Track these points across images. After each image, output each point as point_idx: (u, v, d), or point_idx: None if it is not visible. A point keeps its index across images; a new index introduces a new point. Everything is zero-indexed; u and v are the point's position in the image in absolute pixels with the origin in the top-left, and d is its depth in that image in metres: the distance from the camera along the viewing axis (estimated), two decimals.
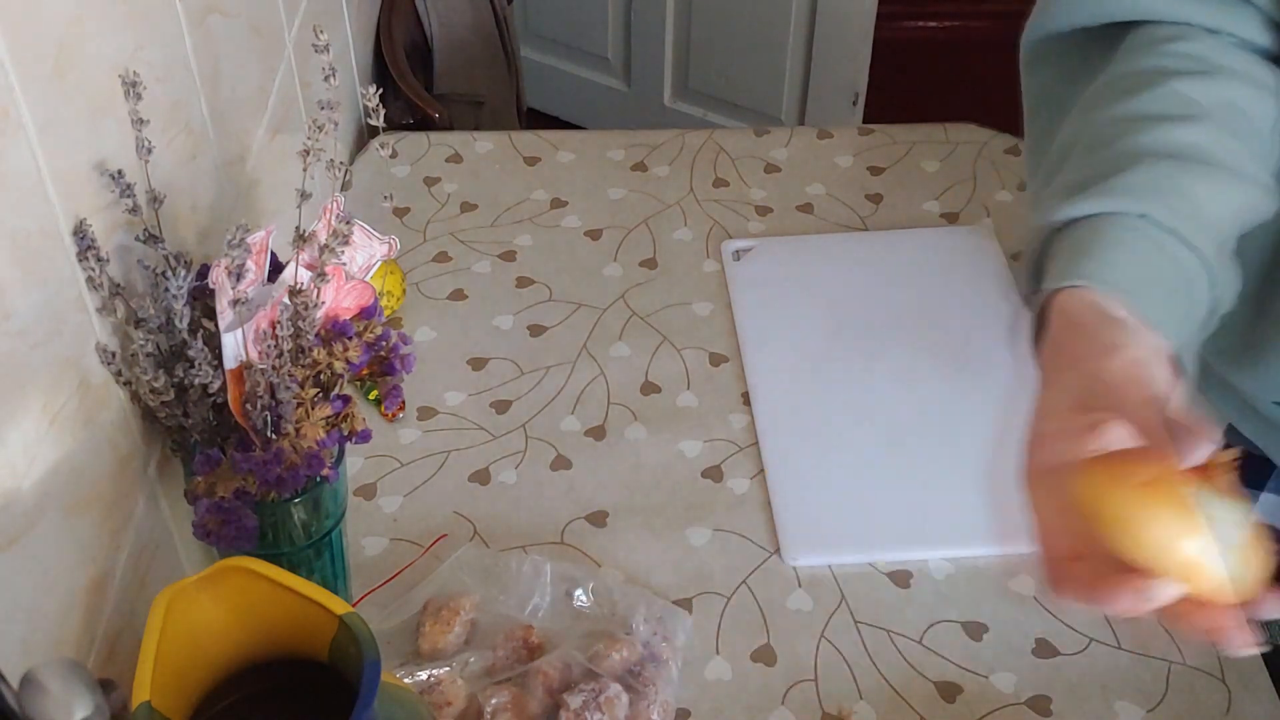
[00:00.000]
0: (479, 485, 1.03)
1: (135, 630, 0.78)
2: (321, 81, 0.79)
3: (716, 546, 0.99)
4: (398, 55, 1.58)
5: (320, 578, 0.87)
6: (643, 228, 1.28)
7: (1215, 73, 0.73)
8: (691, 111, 2.50)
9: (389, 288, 1.15)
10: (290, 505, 0.81)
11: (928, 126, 1.40)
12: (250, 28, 1.03)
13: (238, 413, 0.76)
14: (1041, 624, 0.94)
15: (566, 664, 0.86)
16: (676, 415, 1.09)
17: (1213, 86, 0.72)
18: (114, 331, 0.76)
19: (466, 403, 1.10)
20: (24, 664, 0.55)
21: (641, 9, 2.43)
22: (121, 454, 0.78)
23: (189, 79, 0.88)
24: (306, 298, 0.77)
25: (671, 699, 0.87)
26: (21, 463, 0.65)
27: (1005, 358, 1.12)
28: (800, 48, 2.30)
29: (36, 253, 0.67)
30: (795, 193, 1.32)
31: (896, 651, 0.92)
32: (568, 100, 2.65)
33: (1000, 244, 1.24)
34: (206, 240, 0.90)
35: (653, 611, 0.90)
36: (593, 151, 1.37)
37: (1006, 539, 0.99)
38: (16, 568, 0.65)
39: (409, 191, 1.32)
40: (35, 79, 0.66)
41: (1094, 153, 0.72)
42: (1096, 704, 0.89)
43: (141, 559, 0.80)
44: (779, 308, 1.18)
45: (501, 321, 1.18)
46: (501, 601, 0.91)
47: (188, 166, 0.88)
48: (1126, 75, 0.75)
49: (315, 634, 0.63)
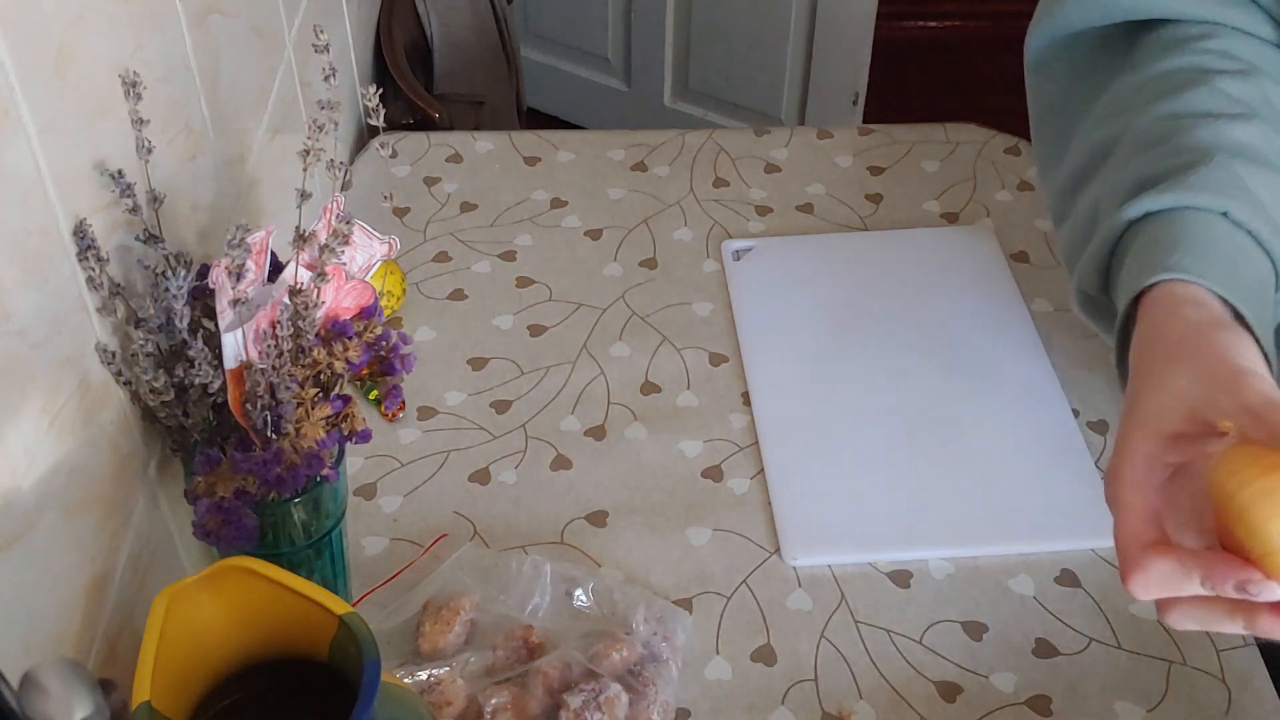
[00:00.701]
0: (479, 485, 1.03)
1: (135, 630, 0.78)
2: (321, 81, 0.79)
3: (716, 546, 0.99)
4: (398, 55, 1.58)
5: (320, 578, 0.87)
6: (643, 228, 1.28)
7: (1252, 71, 0.72)
8: (691, 111, 2.50)
9: (389, 288, 1.15)
10: (290, 505, 0.81)
11: (928, 126, 1.40)
12: (250, 28, 1.03)
13: (238, 413, 0.76)
14: (1041, 624, 0.94)
15: (566, 664, 0.86)
16: (676, 415, 1.09)
17: (1253, 85, 0.71)
18: (114, 331, 0.76)
19: (466, 403, 1.10)
20: (24, 664, 0.55)
21: (641, 9, 2.43)
22: (121, 454, 0.78)
23: (189, 79, 0.88)
24: (306, 298, 0.77)
25: (671, 699, 0.87)
26: (21, 463, 0.65)
27: (1005, 357, 1.12)
28: (800, 48, 2.30)
29: (36, 253, 0.67)
30: (795, 193, 1.32)
31: (896, 651, 0.92)
32: (568, 100, 2.65)
33: (1000, 244, 1.24)
34: (206, 240, 0.90)
35: (653, 611, 0.90)
36: (593, 151, 1.37)
37: (1006, 539, 0.99)
38: (16, 568, 0.65)
39: (409, 191, 1.32)
40: (35, 79, 0.66)
41: (1150, 149, 0.69)
42: (1096, 704, 0.89)
43: (141, 559, 0.80)
44: (779, 308, 1.18)
45: (501, 321, 1.18)
46: (501, 601, 0.91)
47: (188, 166, 0.88)
48: (1166, 74, 0.73)
49: (315, 634, 0.63)
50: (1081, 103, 0.80)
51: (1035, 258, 1.23)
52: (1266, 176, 0.67)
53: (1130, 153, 0.71)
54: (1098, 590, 0.96)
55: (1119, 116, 0.75)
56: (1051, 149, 0.83)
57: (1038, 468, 1.03)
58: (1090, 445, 1.05)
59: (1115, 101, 0.76)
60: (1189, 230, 0.64)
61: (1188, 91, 0.71)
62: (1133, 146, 0.71)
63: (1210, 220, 0.64)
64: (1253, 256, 0.65)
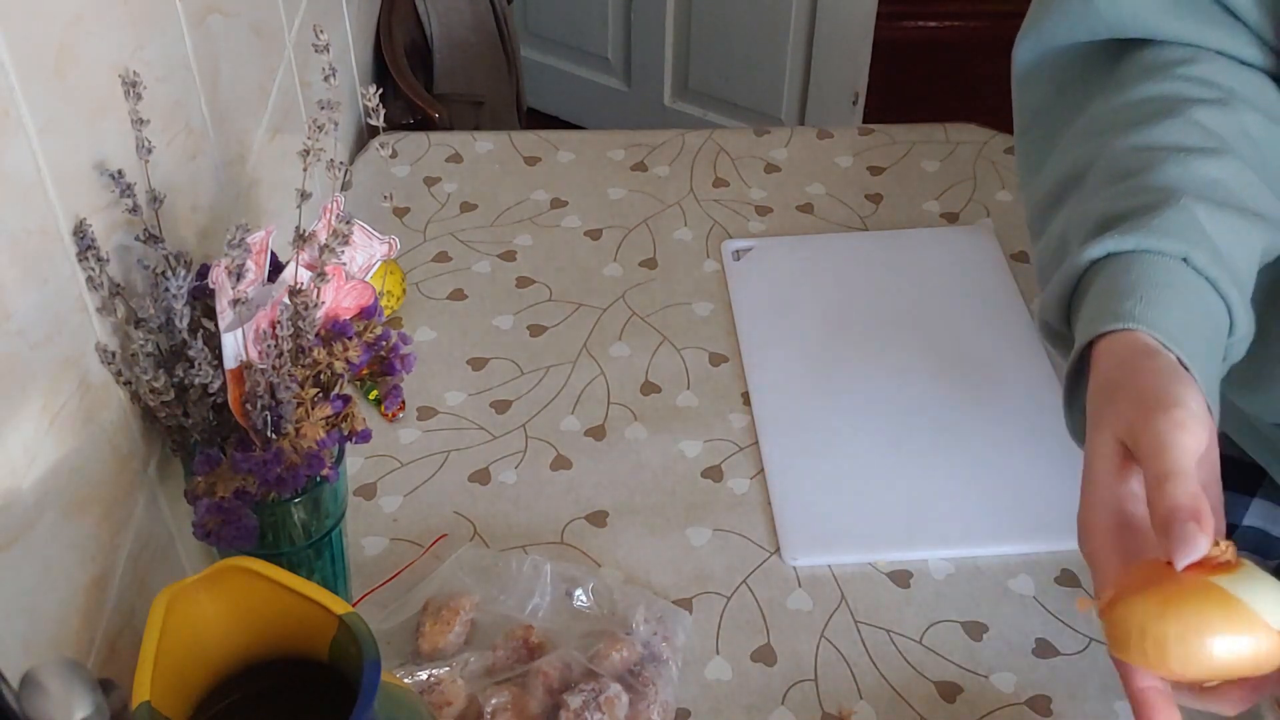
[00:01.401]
0: (479, 485, 1.03)
1: (135, 630, 0.78)
2: (321, 81, 0.79)
3: (716, 546, 0.99)
4: (398, 55, 1.58)
5: (320, 578, 0.87)
6: (643, 228, 1.28)
7: (1229, 100, 0.72)
8: (691, 111, 2.50)
9: (389, 288, 1.15)
10: (290, 505, 0.81)
11: (928, 126, 1.40)
12: (250, 28, 1.03)
13: (238, 413, 0.76)
14: (1041, 624, 0.94)
15: (566, 664, 0.86)
16: (676, 415, 1.09)
17: (1230, 115, 0.71)
18: (114, 331, 0.76)
19: (466, 403, 1.10)
20: (24, 664, 0.55)
21: (641, 9, 2.43)
22: (121, 454, 0.78)
23: (189, 79, 0.88)
24: (306, 298, 0.77)
25: (671, 699, 0.87)
26: (21, 463, 0.65)
27: (1005, 357, 1.12)
28: (800, 48, 2.30)
29: (36, 253, 0.67)
30: (795, 193, 1.32)
31: (896, 651, 0.92)
32: (568, 100, 2.66)
33: (1000, 244, 1.24)
34: (206, 240, 0.90)
35: (653, 611, 0.90)
36: (593, 151, 1.37)
37: (1006, 539, 0.99)
38: (16, 568, 0.65)
39: (409, 191, 1.32)
40: (35, 79, 0.66)
41: (1119, 183, 0.70)
42: (1096, 704, 0.89)
43: (141, 559, 0.80)
44: (779, 308, 1.18)
45: (501, 321, 1.18)
46: (501, 601, 0.91)
47: (188, 166, 0.88)
48: (1144, 101, 0.73)
49: (315, 634, 0.63)
50: (1064, 115, 0.80)
51: None
52: (1230, 219, 0.67)
53: (1100, 183, 0.72)
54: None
55: (1094, 139, 0.75)
56: (1032, 159, 0.83)
57: (1038, 468, 1.03)
58: None
59: (1093, 122, 0.77)
60: (1147, 275, 0.65)
61: (1163, 121, 0.71)
62: (1103, 176, 0.72)
63: (1170, 266, 0.65)
64: (1209, 302, 0.66)
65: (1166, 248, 0.65)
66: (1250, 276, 0.69)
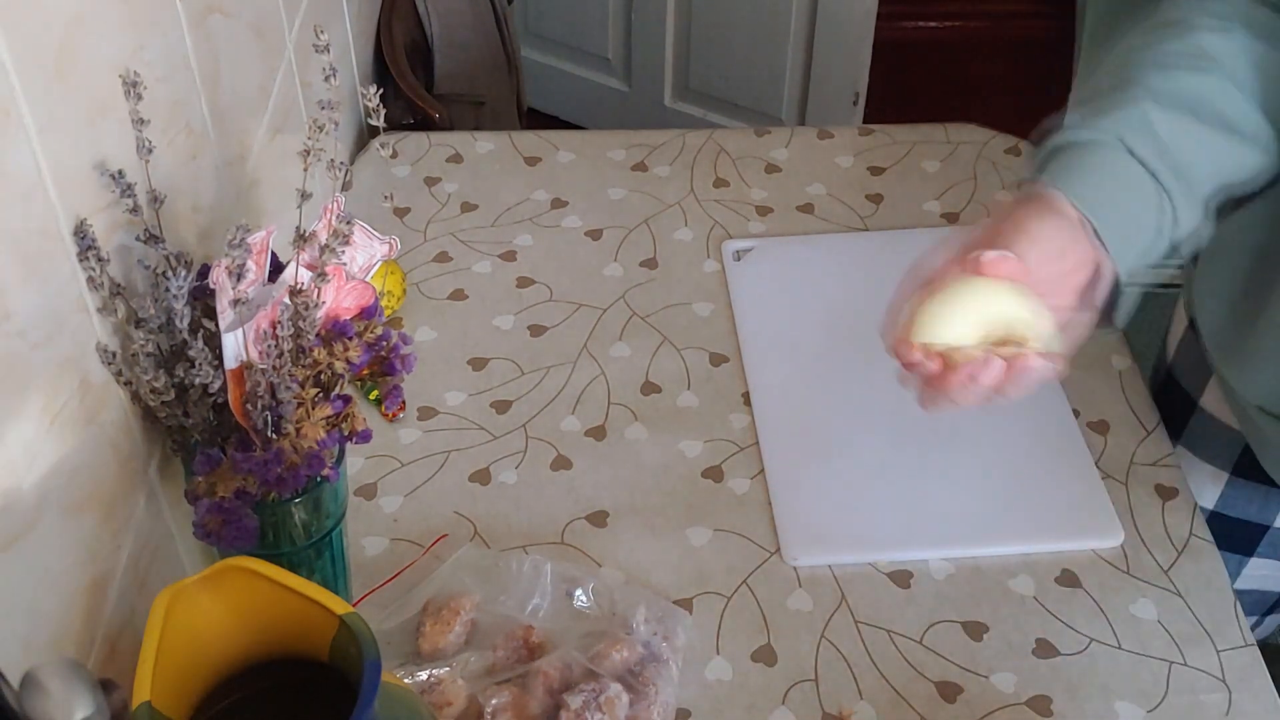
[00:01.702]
0: (479, 485, 1.03)
1: (135, 630, 0.78)
2: (322, 81, 0.79)
3: (716, 546, 0.99)
4: (398, 55, 1.58)
5: (320, 578, 0.87)
6: (643, 228, 1.28)
7: (1235, 29, 0.80)
8: (691, 111, 2.50)
9: (389, 288, 1.15)
10: (290, 505, 0.81)
11: (928, 126, 1.40)
12: (250, 28, 1.03)
13: (238, 413, 0.76)
14: (1041, 624, 0.94)
15: (567, 664, 0.86)
16: (676, 415, 1.09)
17: (1232, 41, 0.80)
18: (114, 331, 0.76)
19: (467, 403, 1.10)
20: (24, 664, 0.55)
21: (641, 9, 2.43)
22: (122, 454, 0.78)
23: (189, 79, 0.88)
24: (307, 298, 0.77)
25: (671, 699, 0.87)
26: (21, 463, 0.65)
27: None
28: (800, 48, 2.30)
29: (37, 253, 0.67)
30: (795, 193, 1.32)
31: (897, 651, 0.92)
32: (568, 100, 2.65)
33: None
34: (207, 240, 0.90)
35: (653, 611, 0.90)
36: (593, 151, 1.37)
37: (1006, 539, 0.99)
38: (16, 568, 0.65)
39: (409, 191, 1.32)
40: (35, 79, 0.66)
41: (1111, 74, 0.82)
42: (1096, 704, 0.89)
43: (141, 559, 0.80)
44: (779, 308, 1.18)
45: (502, 321, 1.18)
46: (501, 601, 0.91)
47: (188, 166, 0.88)
48: (1161, 24, 0.83)
49: (315, 634, 0.63)
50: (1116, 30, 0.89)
51: None
52: (1189, 125, 0.78)
53: (1101, 80, 0.83)
54: (1098, 590, 0.96)
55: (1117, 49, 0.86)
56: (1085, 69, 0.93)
57: (1038, 468, 1.03)
58: (1090, 445, 1.05)
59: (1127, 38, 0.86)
60: (1085, 156, 0.78)
61: (1166, 41, 0.81)
62: (1105, 75, 0.84)
63: (1106, 151, 0.77)
64: (1140, 184, 0.77)
65: (1104, 136, 0.77)
66: (1209, 181, 0.79)
